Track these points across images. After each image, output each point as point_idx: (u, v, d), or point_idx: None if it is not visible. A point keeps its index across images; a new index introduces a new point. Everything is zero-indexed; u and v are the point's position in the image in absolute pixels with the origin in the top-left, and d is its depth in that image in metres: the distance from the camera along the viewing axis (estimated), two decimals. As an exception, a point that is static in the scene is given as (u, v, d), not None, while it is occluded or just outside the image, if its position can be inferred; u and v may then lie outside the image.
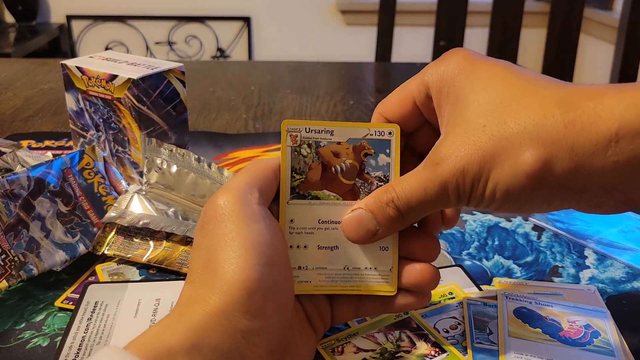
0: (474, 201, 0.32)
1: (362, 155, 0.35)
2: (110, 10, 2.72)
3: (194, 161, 0.50)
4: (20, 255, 0.43)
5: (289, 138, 0.35)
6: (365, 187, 0.36)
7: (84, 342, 0.38)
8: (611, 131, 0.28)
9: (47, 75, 1.02)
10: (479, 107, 0.31)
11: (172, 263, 0.45)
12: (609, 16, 2.16)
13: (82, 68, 0.56)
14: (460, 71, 0.33)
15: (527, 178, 0.29)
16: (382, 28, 1.39)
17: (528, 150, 0.29)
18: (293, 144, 0.35)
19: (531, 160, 0.29)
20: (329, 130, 0.35)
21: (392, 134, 0.35)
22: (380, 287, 0.36)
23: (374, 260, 0.36)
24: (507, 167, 0.30)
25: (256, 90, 0.97)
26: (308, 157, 0.35)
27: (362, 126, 0.35)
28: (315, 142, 0.35)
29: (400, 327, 0.39)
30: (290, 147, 0.35)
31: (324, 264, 0.36)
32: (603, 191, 0.30)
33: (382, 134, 0.35)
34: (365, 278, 0.36)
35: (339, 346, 0.38)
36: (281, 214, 0.35)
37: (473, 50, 0.35)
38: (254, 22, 2.76)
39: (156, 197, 0.49)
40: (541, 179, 0.29)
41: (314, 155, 0.35)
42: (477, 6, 1.70)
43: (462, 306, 0.41)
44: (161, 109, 0.56)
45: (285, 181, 0.35)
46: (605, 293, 0.45)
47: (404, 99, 0.36)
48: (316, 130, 0.35)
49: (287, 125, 0.35)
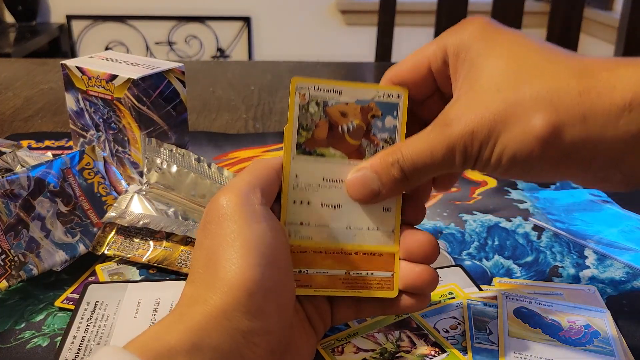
0: (480, 165, 0.32)
1: (369, 116, 0.36)
2: (110, 10, 2.72)
3: (194, 161, 0.50)
4: (20, 255, 0.43)
5: (297, 95, 0.35)
6: (370, 148, 0.36)
7: (84, 342, 0.38)
8: (625, 101, 0.28)
9: (47, 75, 1.02)
10: (494, 73, 0.31)
11: (172, 263, 0.45)
12: (609, 16, 2.16)
13: (82, 68, 0.56)
14: (479, 37, 0.33)
15: (536, 142, 0.29)
16: (382, 28, 1.39)
17: (539, 114, 0.29)
18: (301, 101, 0.35)
19: (541, 125, 0.29)
20: (337, 89, 0.35)
21: (400, 97, 0.36)
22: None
23: (376, 221, 0.36)
24: (517, 130, 0.30)
25: (256, 90, 0.97)
26: (315, 115, 0.35)
27: (371, 87, 0.36)
28: (323, 101, 0.35)
29: (400, 327, 0.39)
30: (299, 104, 0.35)
31: (326, 221, 0.36)
32: (612, 163, 0.30)
33: (391, 97, 0.36)
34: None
35: (339, 346, 0.38)
36: (286, 168, 0.35)
37: (492, 19, 0.34)
38: (254, 22, 2.76)
39: (156, 197, 0.49)
40: (550, 144, 0.29)
41: (322, 113, 0.35)
42: (477, 6, 1.70)
43: (462, 306, 0.41)
44: (161, 109, 0.56)
45: (292, 137, 0.35)
46: (605, 293, 0.45)
47: (418, 64, 0.35)
48: (325, 89, 0.35)
49: (297, 83, 0.35)
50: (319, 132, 0.35)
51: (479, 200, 0.59)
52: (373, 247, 0.36)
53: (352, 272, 0.36)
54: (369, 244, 0.36)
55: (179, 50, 2.78)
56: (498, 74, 0.31)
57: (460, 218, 0.56)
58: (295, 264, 0.36)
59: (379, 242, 0.36)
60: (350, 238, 0.36)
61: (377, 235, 0.36)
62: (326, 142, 0.35)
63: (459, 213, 0.57)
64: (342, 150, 0.36)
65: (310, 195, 0.35)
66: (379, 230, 0.36)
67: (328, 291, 0.36)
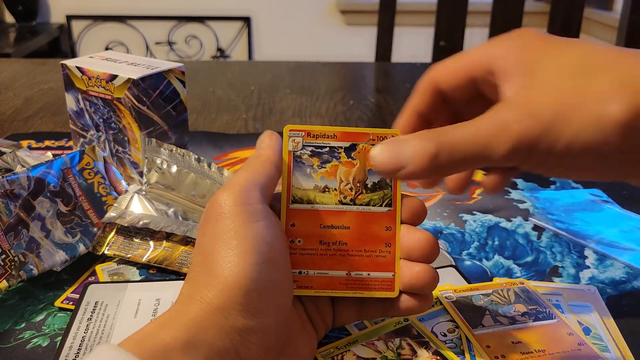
0: (537, 156, 0.28)
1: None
2: (110, 10, 2.72)
3: (194, 161, 0.50)
4: (20, 255, 0.43)
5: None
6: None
7: (84, 342, 0.38)
8: None
9: (47, 75, 1.02)
10: (560, 66, 0.29)
11: (172, 263, 0.45)
12: (609, 16, 2.16)
13: (82, 68, 0.56)
14: (534, 45, 0.31)
15: (614, 128, 0.26)
16: (382, 28, 1.39)
17: (617, 99, 0.26)
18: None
19: (621, 109, 0.26)
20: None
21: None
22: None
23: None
24: (592, 115, 0.27)
25: (256, 90, 0.97)
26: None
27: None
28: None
29: (400, 335, 0.39)
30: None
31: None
32: None
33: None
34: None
35: (338, 354, 0.37)
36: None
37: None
38: (254, 22, 2.76)
39: (156, 197, 0.49)
40: (630, 130, 0.26)
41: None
42: (477, 6, 1.70)
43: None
44: (161, 109, 0.56)
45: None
46: (605, 293, 0.45)
47: (462, 68, 0.34)
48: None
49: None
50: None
51: (479, 200, 0.59)
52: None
53: (352, 272, 0.36)
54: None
55: (179, 50, 2.78)
56: (564, 68, 0.29)
57: (460, 218, 0.56)
58: (295, 265, 0.36)
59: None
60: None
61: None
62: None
63: (459, 213, 0.57)
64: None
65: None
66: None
67: (328, 292, 0.36)
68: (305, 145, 0.35)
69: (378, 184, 0.36)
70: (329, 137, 0.35)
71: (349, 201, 0.36)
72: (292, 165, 0.35)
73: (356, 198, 0.36)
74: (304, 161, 0.35)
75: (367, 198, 0.36)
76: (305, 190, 0.35)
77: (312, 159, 0.36)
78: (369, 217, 0.36)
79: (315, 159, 0.36)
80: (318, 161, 0.36)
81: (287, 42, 2.76)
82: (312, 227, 0.36)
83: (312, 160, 0.36)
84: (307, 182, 0.35)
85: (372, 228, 0.36)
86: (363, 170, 0.36)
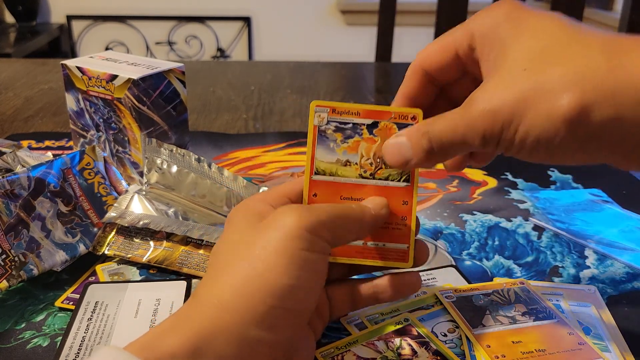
0: (503, 146, 0.31)
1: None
2: (110, 10, 2.72)
3: (194, 161, 0.50)
4: (20, 255, 0.43)
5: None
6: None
7: (84, 342, 0.38)
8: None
9: (47, 76, 1.02)
10: (522, 53, 0.31)
11: (172, 263, 0.45)
12: (609, 16, 2.16)
13: (83, 68, 0.56)
14: (507, 19, 0.32)
15: (563, 123, 0.28)
16: (382, 28, 1.39)
17: (566, 94, 0.28)
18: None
19: (568, 104, 0.28)
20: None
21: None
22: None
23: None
24: (542, 111, 0.29)
25: (256, 90, 0.97)
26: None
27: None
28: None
29: (400, 335, 0.39)
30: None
31: None
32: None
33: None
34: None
35: (338, 354, 0.37)
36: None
37: (521, 1, 0.34)
38: (254, 22, 2.76)
39: (156, 198, 0.49)
40: (578, 124, 0.28)
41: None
42: (477, 6, 1.70)
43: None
44: (161, 109, 0.56)
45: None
46: (605, 293, 0.45)
47: (445, 48, 0.35)
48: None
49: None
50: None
51: (479, 200, 0.59)
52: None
53: (369, 243, 0.37)
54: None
55: (179, 50, 2.78)
56: (525, 54, 0.31)
57: (460, 218, 0.56)
58: None
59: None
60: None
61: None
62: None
63: (459, 213, 0.57)
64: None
65: None
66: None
67: (345, 259, 0.37)
68: (330, 120, 0.37)
69: None
70: (353, 114, 0.37)
71: (369, 175, 0.37)
72: (317, 139, 0.37)
73: (376, 172, 0.37)
74: (327, 136, 0.37)
75: (386, 173, 0.37)
76: (328, 163, 0.37)
77: (335, 134, 0.37)
78: (387, 191, 0.37)
79: (338, 134, 0.37)
80: (341, 136, 0.37)
81: (287, 42, 2.76)
82: (332, 198, 0.37)
83: (336, 135, 0.37)
84: (330, 156, 0.37)
85: (390, 201, 0.37)
86: None
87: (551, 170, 0.67)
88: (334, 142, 0.37)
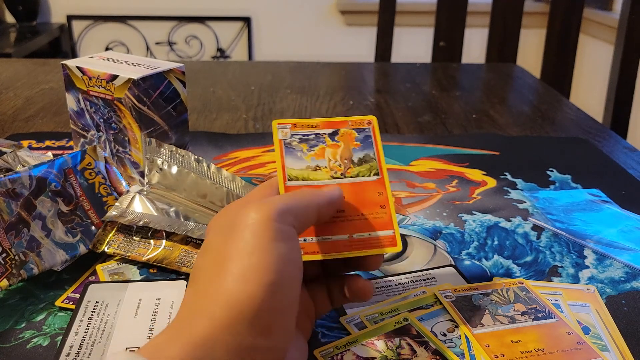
0: None
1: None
2: (110, 10, 2.72)
3: (194, 162, 0.51)
4: (20, 254, 0.43)
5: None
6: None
7: (84, 341, 0.38)
8: None
9: (47, 76, 1.02)
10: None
11: (172, 262, 0.45)
12: (608, 16, 2.16)
13: (83, 68, 0.56)
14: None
15: None
16: (382, 28, 1.39)
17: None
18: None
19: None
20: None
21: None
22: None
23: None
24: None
25: (256, 90, 0.97)
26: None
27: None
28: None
29: (400, 335, 0.39)
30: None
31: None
32: None
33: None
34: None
35: (338, 354, 0.37)
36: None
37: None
38: (254, 22, 2.76)
39: (157, 198, 0.49)
40: None
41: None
42: (477, 6, 1.70)
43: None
44: (161, 109, 0.56)
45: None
46: (604, 293, 0.45)
47: None
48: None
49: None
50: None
51: (478, 200, 0.59)
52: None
53: (354, 235, 0.38)
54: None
55: (179, 50, 2.78)
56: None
57: (459, 218, 0.56)
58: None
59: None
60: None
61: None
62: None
63: (458, 213, 0.57)
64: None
65: None
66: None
67: (334, 254, 0.37)
68: (293, 134, 0.39)
69: (363, 159, 0.39)
70: (313, 126, 0.40)
71: (340, 175, 0.39)
72: (284, 151, 0.39)
73: (346, 172, 0.39)
74: (294, 147, 0.39)
75: (355, 171, 0.39)
76: (299, 170, 0.38)
77: (301, 144, 0.39)
78: (361, 186, 0.39)
79: (304, 145, 0.39)
80: (306, 146, 0.39)
81: (287, 42, 2.76)
82: None
83: (301, 145, 0.39)
84: (299, 163, 0.39)
85: (365, 195, 0.38)
86: (348, 149, 0.40)
87: (550, 170, 0.67)
88: (301, 152, 0.39)
